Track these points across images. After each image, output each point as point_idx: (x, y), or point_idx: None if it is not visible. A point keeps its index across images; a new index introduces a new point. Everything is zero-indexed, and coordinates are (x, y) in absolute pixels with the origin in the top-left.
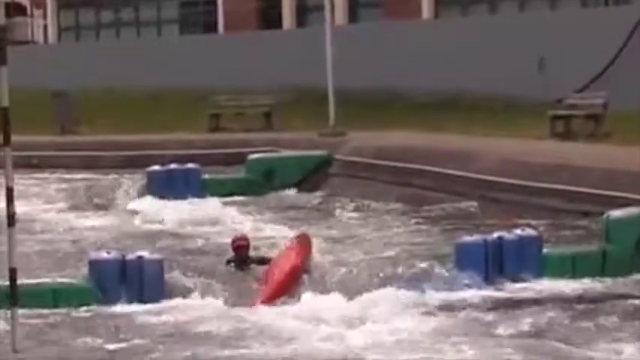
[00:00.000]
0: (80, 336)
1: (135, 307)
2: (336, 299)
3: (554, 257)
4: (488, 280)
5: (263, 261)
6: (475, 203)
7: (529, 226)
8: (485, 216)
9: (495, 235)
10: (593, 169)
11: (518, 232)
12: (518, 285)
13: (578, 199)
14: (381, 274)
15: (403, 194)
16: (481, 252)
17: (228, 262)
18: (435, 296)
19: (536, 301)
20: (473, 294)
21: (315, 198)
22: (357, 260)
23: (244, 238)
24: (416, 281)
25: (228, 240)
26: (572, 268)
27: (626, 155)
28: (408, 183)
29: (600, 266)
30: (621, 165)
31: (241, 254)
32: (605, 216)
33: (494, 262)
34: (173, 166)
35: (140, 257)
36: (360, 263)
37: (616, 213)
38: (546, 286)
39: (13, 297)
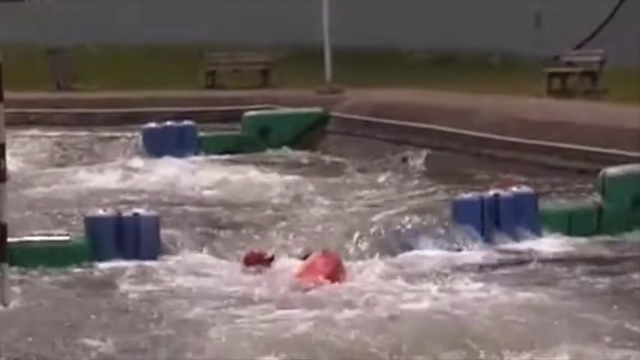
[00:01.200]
0: (74, 292)
1: (131, 264)
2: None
3: (550, 214)
4: (485, 237)
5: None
6: (472, 160)
7: (525, 183)
8: (482, 173)
9: (492, 192)
10: (589, 126)
11: (515, 189)
12: (515, 242)
13: (574, 157)
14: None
15: (401, 151)
16: (477, 209)
17: None
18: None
19: (535, 258)
20: (469, 251)
21: (312, 155)
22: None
23: (264, 254)
24: (413, 238)
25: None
26: (568, 225)
27: (622, 112)
28: (405, 141)
29: (596, 223)
30: (618, 122)
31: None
32: (601, 173)
33: (491, 220)
34: (169, 123)
35: (136, 214)
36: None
37: (612, 170)
38: (543, 242)
39: (2, 252)
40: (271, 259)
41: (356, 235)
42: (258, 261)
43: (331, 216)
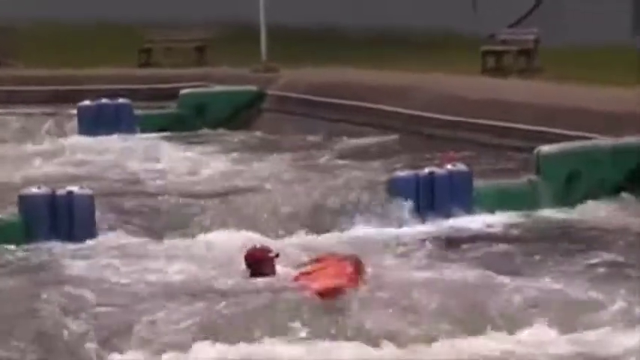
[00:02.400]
0: (7, 271)
1: (65, 243)
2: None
3: (485, 192)
4: (420, 214)
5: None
6: (408, 138)
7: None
8: (420, 151)
9: (427, 170)
10: (524, 104)
11: (449, 166)
12: (450, 219)
13: (509, 135)
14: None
15: (337, 130)
16: (413, 187)
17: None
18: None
19: (470, 235)
20: (404, 228)
21: (247, 134)
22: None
23: (267, 250)
24: (348, 215)
25: (160, 175)
26: (502, 202)
27: (556, 91)
28: (341, 119)
29: (531, 200)
30: (552, 100)
31: (266, 272)
32: (536, 151)
33: (426, 197)
34: (104, 101)
35: (70, 192)
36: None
37: (547, 148)
38: (478, 219)
39: None
40: (276, 256)
41: (290, 212)
42: (260, 259)
43: (266, 195)
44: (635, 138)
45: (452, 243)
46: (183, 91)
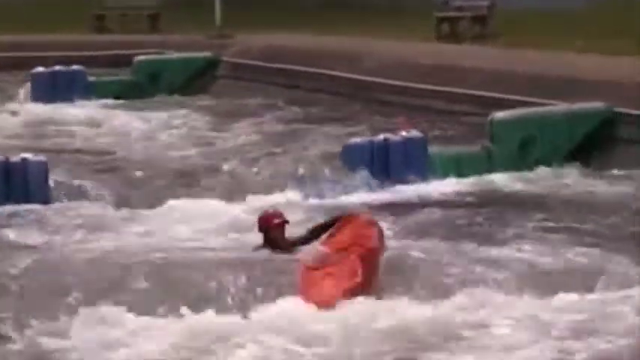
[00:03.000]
0: None
1: (19, 209)
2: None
3: (440, 158)
4: (375, 181)
5: (308, 239)
6: (362, 105)
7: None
8: (373, 118)
9: (381, 136)
10: (478, 70)
11: (404, 133)
12: (405, 185)
13: (463, 101)
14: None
15: (291, 96)
16: (367, 153)
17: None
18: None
19: (425, 201)
20: (360, 196)
21: (202, 100)
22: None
23: (278, 215)
24: (303, 183)
25: (115, 142)
26: (457, 168)
27: (511, 57)
28: (295, 85)
29: (485, 166)
30: (506, 66)
31: (275, 237)
32: (490, 117)
33: (381, 164)
34: (57, 68)
35: (24, 159)
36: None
37: (501, 114)
38: (433, 186)
39: None
40: (285, 222)
41: (243, 180)
42: (267, 222)
43: (217, 160)
44: (589, 103)
45: (407, 210)
46: (137, 58)
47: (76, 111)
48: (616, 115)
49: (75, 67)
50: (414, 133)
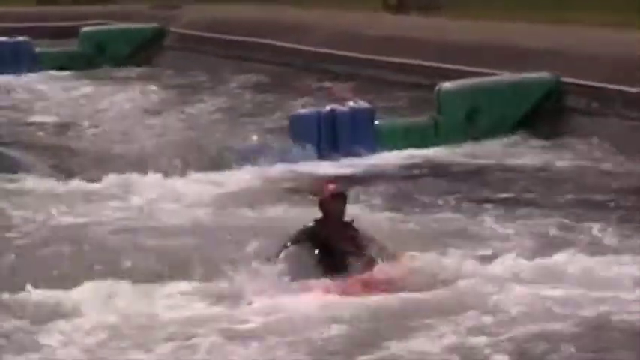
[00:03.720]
0: None
1: None
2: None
3: (387, 129)
4: (322, 152)
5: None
6: (309, 76)
7: (363, 98)
8: (320, 89)
9: (329, 107)
10: (426, 41)
11: (351, 104)
12: (352, 156)
13: (411, 72)
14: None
15: (238, 68)
16: (314, 125)
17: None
18: (271, 169)
19: (371, 173)
20: (307, 167)
21: (147, 71)
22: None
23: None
24: (251, 154)
25: (61, 113)
26: (405, 139)
27: (457, 28)
28: (242, 56)
29: (432, 137)
30: (453, 37)
31: (334, 215)
32: (437, 88)
33: (328, 134)
34: (3, 39)
35: None
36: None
37: (447, 85)
38: (380, 157)
39: None
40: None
41: (190, 150)
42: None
43: (164, 132)
44: (535, 73)
45: (354, 181)
46: (84, 29)
47: (22, 82)
48: (562, 85)
49: (20, 38)
50: (362, 103)
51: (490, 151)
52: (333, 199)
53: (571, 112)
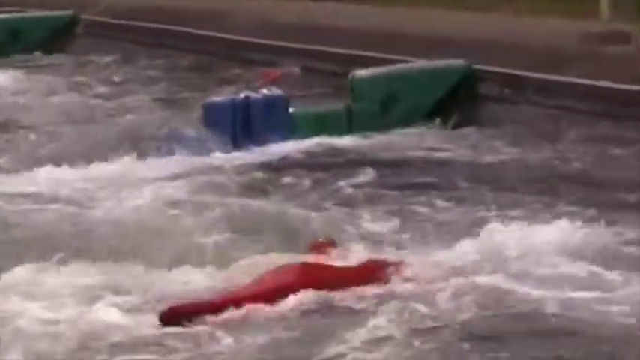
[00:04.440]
0: None
1: None
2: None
3: (301, 117)
4: (237, 141)
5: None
6: (226, 63)
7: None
8: (238, 77)
9: (242, 95)
10: (343, 29)
11: (265, 91)
12: (266, 145)
13: (325, 59)
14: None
15: (154, 55)
16: (228, 113)
17: None
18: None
19: (284, 163)
20: (220, 156)
21: (61, 59)
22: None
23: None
24: (164, 143)
25: None
26: (319, 128)
27: (378, 15)
28: (159, 44)
29: (347, 125)
30: (369, 24)
31: None
32: (350, 75)
33: (242, 123)
34: None
35: None
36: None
37: (361, 72)
38: (293, 146)
39: None
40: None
41: (98, 137)
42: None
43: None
44: (449, 61)
45: (268, 170)
46: None
47: None
48: (476, 73)
49: None
50: (276, 91)
51: (401, 139)
52: None
53: (484, 100)
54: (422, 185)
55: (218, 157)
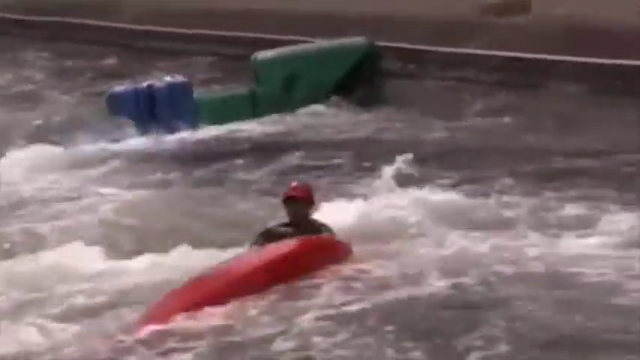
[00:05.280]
0: None
1: None
2: None
3: (205, 102)
4: (142, 129)
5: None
6: (125, 53)
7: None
8: (136, 65)
9: (145, 83)
10: (243, 12)
11: (168, 78)
12: (171, 132)
13: (228, 43)
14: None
15: (53, 49)
16: (132, 101)
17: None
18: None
19: (191, 149)
20: (124, 145)
21: None
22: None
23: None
24: (70, 132)
25: None
26: (224, 113)
27: None
28: (60, 37)
29: (251, 108)
30: (272, 7)
31: (296, 211)
32: (252, 57)
33: (146, 111)
34: None
35: None
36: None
37: (263, 54)
38: (197, 133)
39: None
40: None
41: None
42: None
43: None
44: (350, 39)
45: (173, 158)
46: None
47: None
48: (379, 49)
49: None
50: (179, 78)
51: (305, 120)
52: (284, 201)
53: (388, 76)
54: (330, 163)
55: (123, 146)
